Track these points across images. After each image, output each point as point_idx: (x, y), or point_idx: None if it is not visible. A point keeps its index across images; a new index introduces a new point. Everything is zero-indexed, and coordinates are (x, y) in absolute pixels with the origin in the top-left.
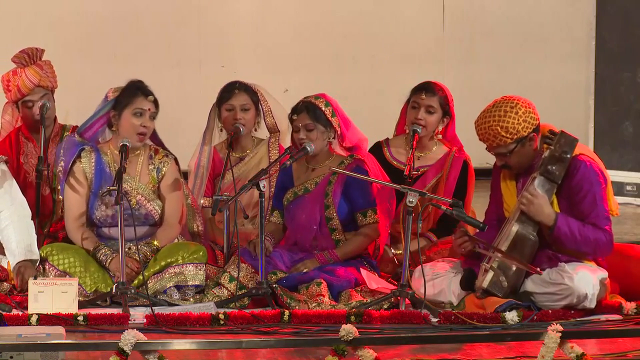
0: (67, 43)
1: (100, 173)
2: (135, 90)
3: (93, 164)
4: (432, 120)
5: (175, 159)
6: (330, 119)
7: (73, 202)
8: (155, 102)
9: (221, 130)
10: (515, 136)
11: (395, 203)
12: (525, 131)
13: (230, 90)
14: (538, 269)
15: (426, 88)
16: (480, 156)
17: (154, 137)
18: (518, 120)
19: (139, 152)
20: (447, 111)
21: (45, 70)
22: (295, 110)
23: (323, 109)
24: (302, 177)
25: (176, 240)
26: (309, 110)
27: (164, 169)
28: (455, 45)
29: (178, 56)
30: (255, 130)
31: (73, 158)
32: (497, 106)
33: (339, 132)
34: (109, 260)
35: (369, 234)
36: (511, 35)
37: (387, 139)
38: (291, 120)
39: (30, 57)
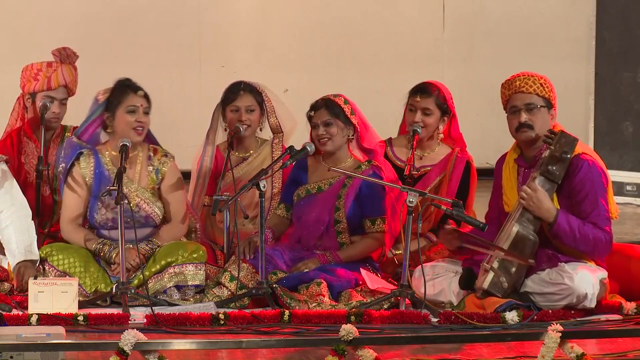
0: (66, 43)
1: (99, 176)
2: (125, 88)
3: (92, 167)
4: (430, 121)
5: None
6: (349, 116)
7: (70, 204)
8: (146, 97)
9: (225, 130)
10: (549, 92)
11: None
12: (552, 96)
13: (235, 91)
14: (531, 261)
15: (421, 90)
16: (481, 156)
17: (148, 135)
18: (549, 84)
19: (136, 152)
20: (445, 110)
21: (75, 75)
22: (314, 107)
23: (342, 106)
24: (317, 175)
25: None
26: (327, 107)
27: (163, 169)
28: (455, 45)
29: (178, 56)
30: (260, 130)
31: (72, 160)
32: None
33: (358, 130)
34: (113, 255)
35: (375, 242)
36: (511, 35)
37: (390, 138)
38: (309, 118)
39: (68, 57)
